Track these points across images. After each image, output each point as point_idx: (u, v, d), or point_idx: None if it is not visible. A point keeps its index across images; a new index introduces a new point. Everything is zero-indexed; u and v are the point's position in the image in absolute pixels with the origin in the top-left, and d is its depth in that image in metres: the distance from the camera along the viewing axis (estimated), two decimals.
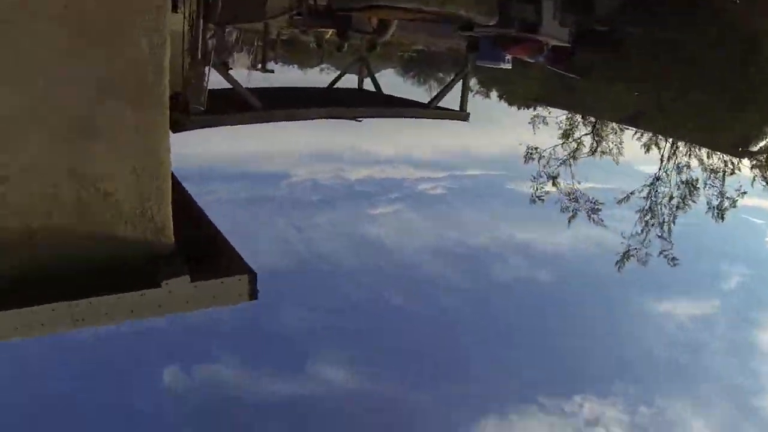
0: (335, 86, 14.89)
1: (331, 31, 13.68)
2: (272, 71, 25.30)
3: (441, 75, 37.51)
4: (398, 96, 14.31)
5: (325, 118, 9.86)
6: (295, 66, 34.73)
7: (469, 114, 12.67)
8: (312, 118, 9.84)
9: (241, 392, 20.26)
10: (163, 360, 19.97)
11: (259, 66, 24.75)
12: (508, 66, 12.45)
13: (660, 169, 21.05)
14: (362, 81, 15.19)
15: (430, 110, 12.09)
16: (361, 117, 10.43)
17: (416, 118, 11.94)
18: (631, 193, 20.82)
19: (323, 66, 35.58)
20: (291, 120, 9.52)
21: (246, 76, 24.69)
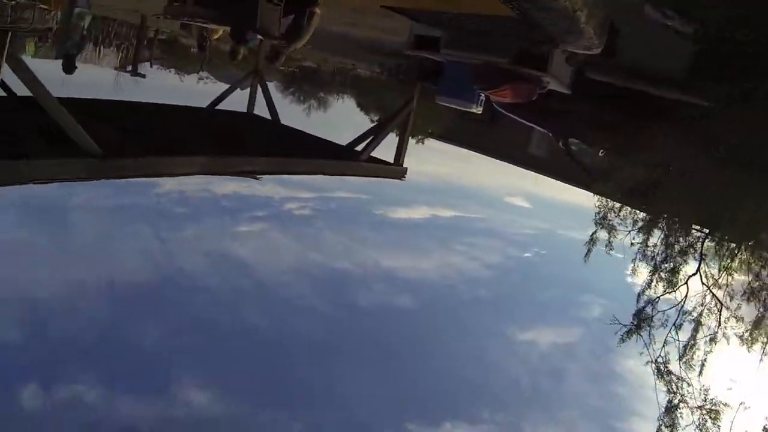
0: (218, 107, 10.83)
1: (222, 30, 9.41)
2: (143, 75, 21.05)
3: (322, 95, 34.55)
4: (297, 128, 10.56)
5: (207, 173, 5.73)
6: (173, 71, 30.59)
7: (406, 170, 8.89)
8: (188, 174, 5.68)
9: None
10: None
11: (129, 68, 20.20)
12: (478, 110, 8.56)
13: None
14: (254, 100, 11.13)
15: (360, 165, 8.17)
16: (262, 173, 6.41)
17: (341, 175, 7.96)
18: None
19: (203, 75, 31.45)
20: (154, 176, 5.43)
21: (114, 78, 20.33)
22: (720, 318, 12.13)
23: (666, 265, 14.09)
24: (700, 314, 12.65)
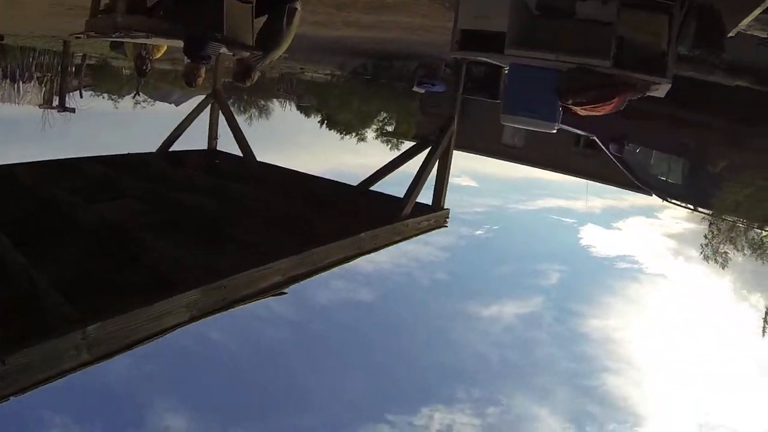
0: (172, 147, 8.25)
1: (164, 48, 6.70)
2: (73, 110, 18.05)
3: (263, 103, 31.87)
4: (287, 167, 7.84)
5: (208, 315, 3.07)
6: (105, 96, 27.50)
7: (448, 212, 6.65)
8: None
9: None
10: None
11: (56, 104, 17.32)
12: (554, 130, 5.95)
13: None
14: (215, 132, 8.43)
15: (406, 225, 5.62)
16: (287, 285, 3.74)
17: (385, 247, 5.30)
18: None
19: (140, 99, 28.46)
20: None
21: (42, 117, 17.35)
22: None
23: None
24: None
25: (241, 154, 7.97)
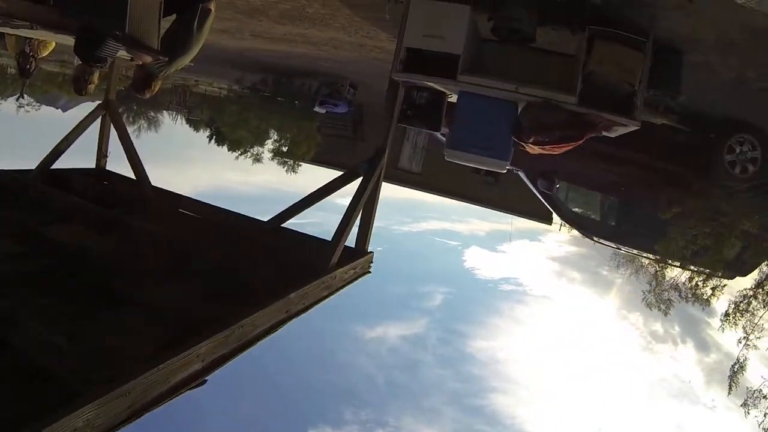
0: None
1: (52, 45, 5.68)
2: None
3: (152, 114, 30.20)
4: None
5: None
6: None
7: (372, 256, 5.82)
8: None
9: None
10: None
11: None
12: (505, 169, 5.27)
13: None
14: (105, 149, 7.33)
15: (334, 277, 4.82)
16: (208, 372, 2.81)
17: (316, 305, 4.41)
18: None
19: (24, 102, 25.94)
20: None
21: None
22: None
23: None
24: None
25: (132, 176, 6.87)
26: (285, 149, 20.68)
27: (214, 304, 3.60)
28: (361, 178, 5.33)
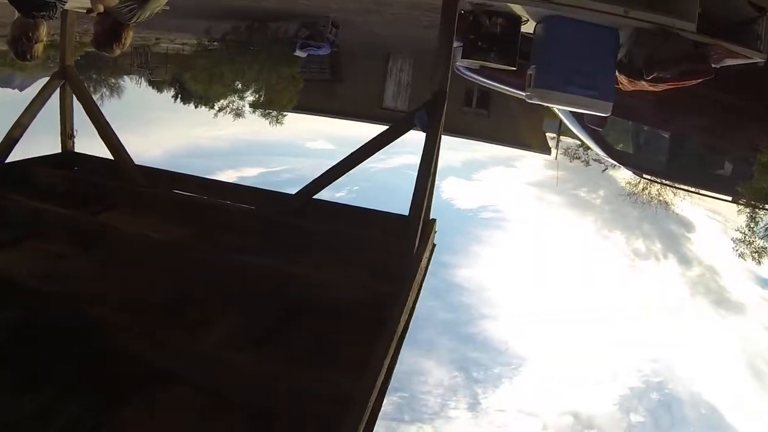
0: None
1: None
2: None
3: (114, 81, 28.17)
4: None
5: None
6: None
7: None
8: None
9: None
10: None
11: None
12: (609, 112, 3.99)
13: None
14: (69, 125, 5.92)
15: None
16: None
17: None
18: None
19: None
20: None
21: None
22: None
23: None
24: None
25: (109, 155, 5.46)
26: (266, 100, 19.16)
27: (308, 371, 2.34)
28: (423, 133, 4.02)
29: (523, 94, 5.26)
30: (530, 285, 28.13)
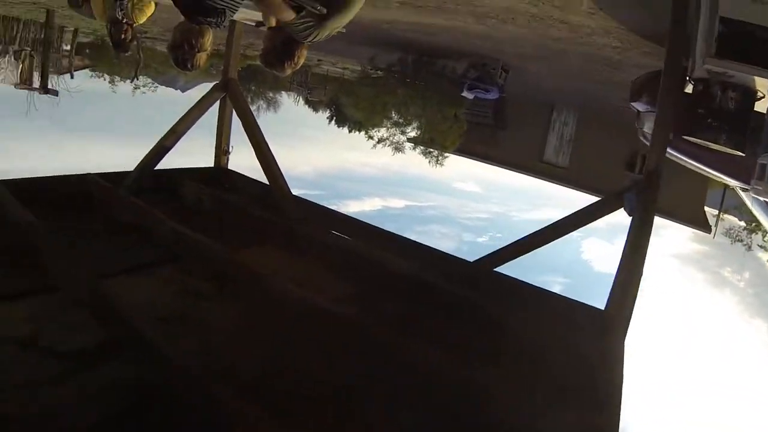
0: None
1: (151, 7, 4.12)
2: (56, 93, 15.28)
3: (271, 95, 28.98)
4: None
5: None
6: (105, 77, 24.50)
7: None
8: None
9: None
10: None
11: (37, 83, 14.69)
12: None
13: None
14: (226, 139, 5.79)
15: None
16: None
17: None
18: None
19: (141, 83, 25.41)
20: None
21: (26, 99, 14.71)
22: None
23: None
24: None
25: (262, 177, 5.15)
26: (428, 138, 18.79)
27: None
28: (630, 217, 3.32)
29: (739, 183, 4.37)
30: (662, 364, 26.48)
